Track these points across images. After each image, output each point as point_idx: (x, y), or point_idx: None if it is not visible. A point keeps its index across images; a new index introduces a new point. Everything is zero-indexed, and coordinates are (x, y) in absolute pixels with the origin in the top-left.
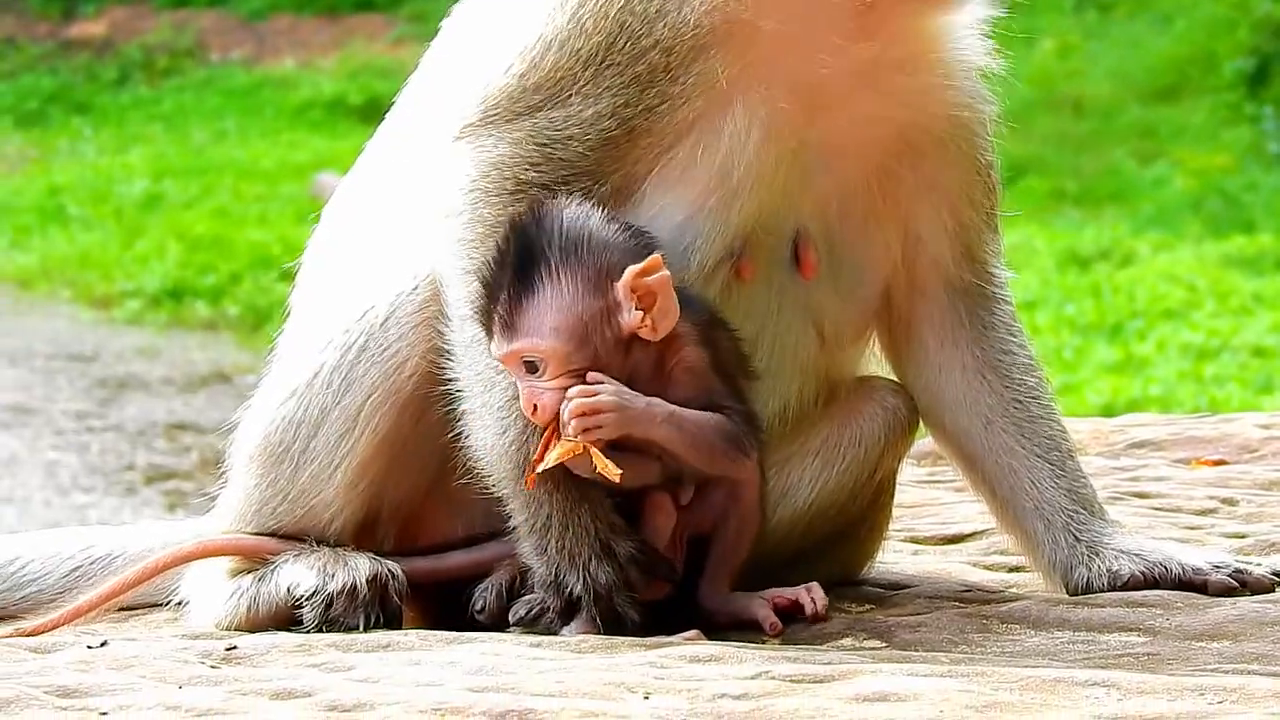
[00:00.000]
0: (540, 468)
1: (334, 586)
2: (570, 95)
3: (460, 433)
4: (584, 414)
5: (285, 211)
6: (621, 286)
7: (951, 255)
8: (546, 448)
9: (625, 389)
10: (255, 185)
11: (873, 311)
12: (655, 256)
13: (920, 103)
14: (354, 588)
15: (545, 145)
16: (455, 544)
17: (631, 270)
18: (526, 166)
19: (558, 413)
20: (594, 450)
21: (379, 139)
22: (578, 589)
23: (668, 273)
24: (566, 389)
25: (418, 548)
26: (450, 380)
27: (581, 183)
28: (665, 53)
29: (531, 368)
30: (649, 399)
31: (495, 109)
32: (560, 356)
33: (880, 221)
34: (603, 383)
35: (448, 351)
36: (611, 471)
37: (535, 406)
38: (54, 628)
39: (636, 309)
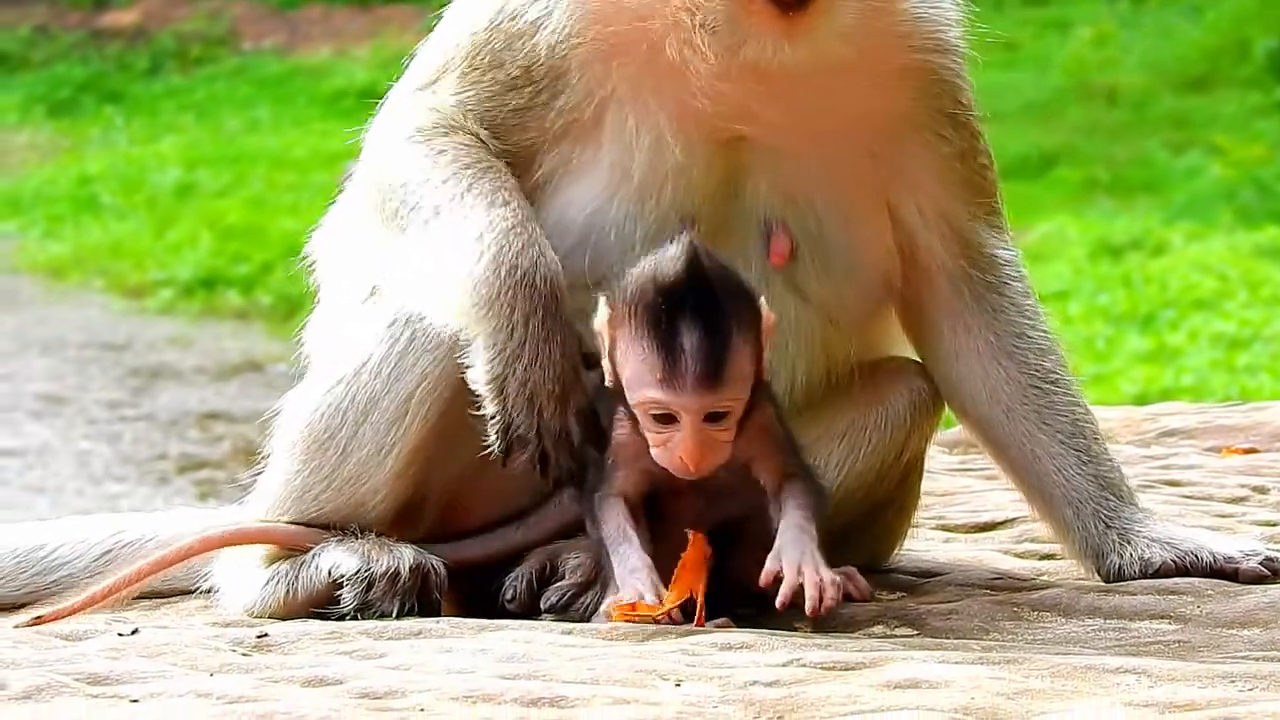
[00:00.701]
0: (661, 609)
1: (378, 569)
2: (445, 80)
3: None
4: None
5: (318, 201)
6: (766, 328)
7: (941, 242)
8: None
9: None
10: (288, 174)
11: (878, 295)
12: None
13: (855, 101)
14: (397, 573)
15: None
16: (494, 526)
17: (768, 320)
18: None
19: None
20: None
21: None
22: (526, 431)
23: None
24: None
25: (459, 532)
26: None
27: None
28: (525, 69)
29: (714, 417)
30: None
31: (403, 94)
32: (743, 405)
33: (861, 209)
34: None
35: (388, 184)
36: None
37: (697, 456)
38: (83, 609)
39: (768, 353)
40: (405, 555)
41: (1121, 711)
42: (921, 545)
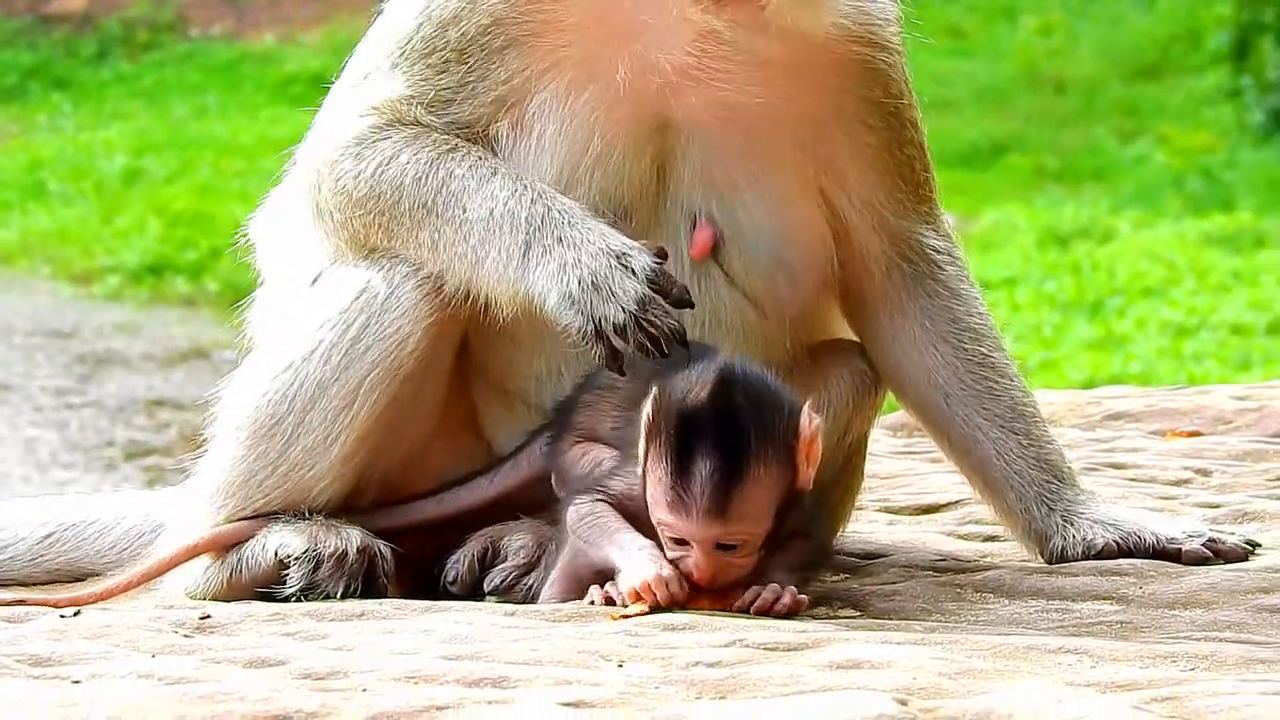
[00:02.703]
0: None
1: (325, 550)
2: (382, 69)
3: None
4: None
5: (266, 187)
6: (804, 456)
7: (872, 231)
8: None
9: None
10: (236, 161)
11: (812, 284)
12: (811, 412)
13: (780, 90)
14: (344, 554)
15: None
16: (434, 492)
17: (807, 436)
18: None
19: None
20: None
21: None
22: (617, 315)
23: (818, 420)
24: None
25: (402, 497)
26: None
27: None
28: (459, 50)
29: (726, 547)
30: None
31: (340, 94)
32: (761, 535)
33: (790, 199)
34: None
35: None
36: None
37: (708, 578)
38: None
39: (809, 469)
40: (353, 537)
41: (1063, 691)
42: (865, 527)
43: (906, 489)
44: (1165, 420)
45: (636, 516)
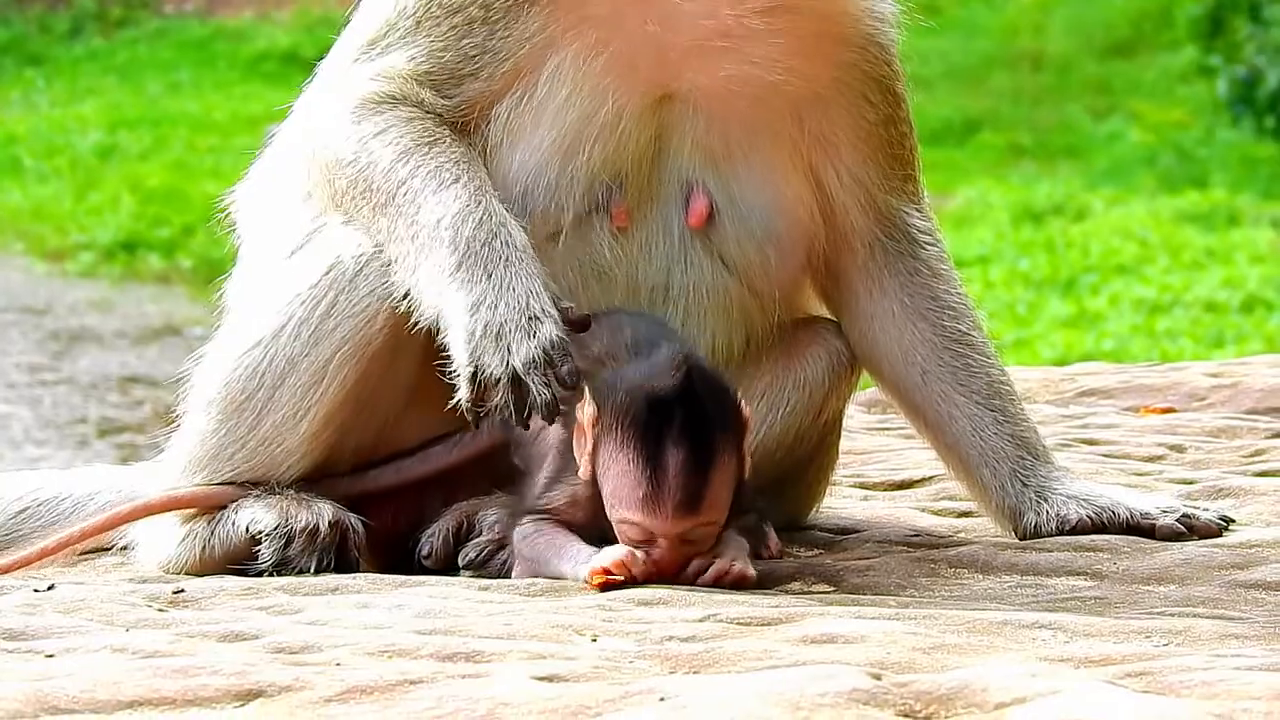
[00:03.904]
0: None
1: (296, 525)
2: (392, 40)
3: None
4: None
5: (239, 164)
6: (747, 442)
7: (857, 207)
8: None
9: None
10: (209, 138)
11: (797, 259)
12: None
13: (791, 63)
14: (316, 529)
15: (389, 88)
16: (393, 459)
17: (747, 410)
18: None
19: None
20: None
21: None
22: (497, 369)
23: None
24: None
25: (369, 461)
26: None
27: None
28: (484, 8)
29: (688, 538)
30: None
31: (345, 61)
32: (720, 524)
33: (783, 173)
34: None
35: (332, 160)
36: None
37: (671, 571)
38: (5, 572)
39: (750, 457)
40: (324, 511)
41: (1037, 666)
42: (839, 503)
43: (881, 465)
44: (1139, 397)
45: (584, 527)
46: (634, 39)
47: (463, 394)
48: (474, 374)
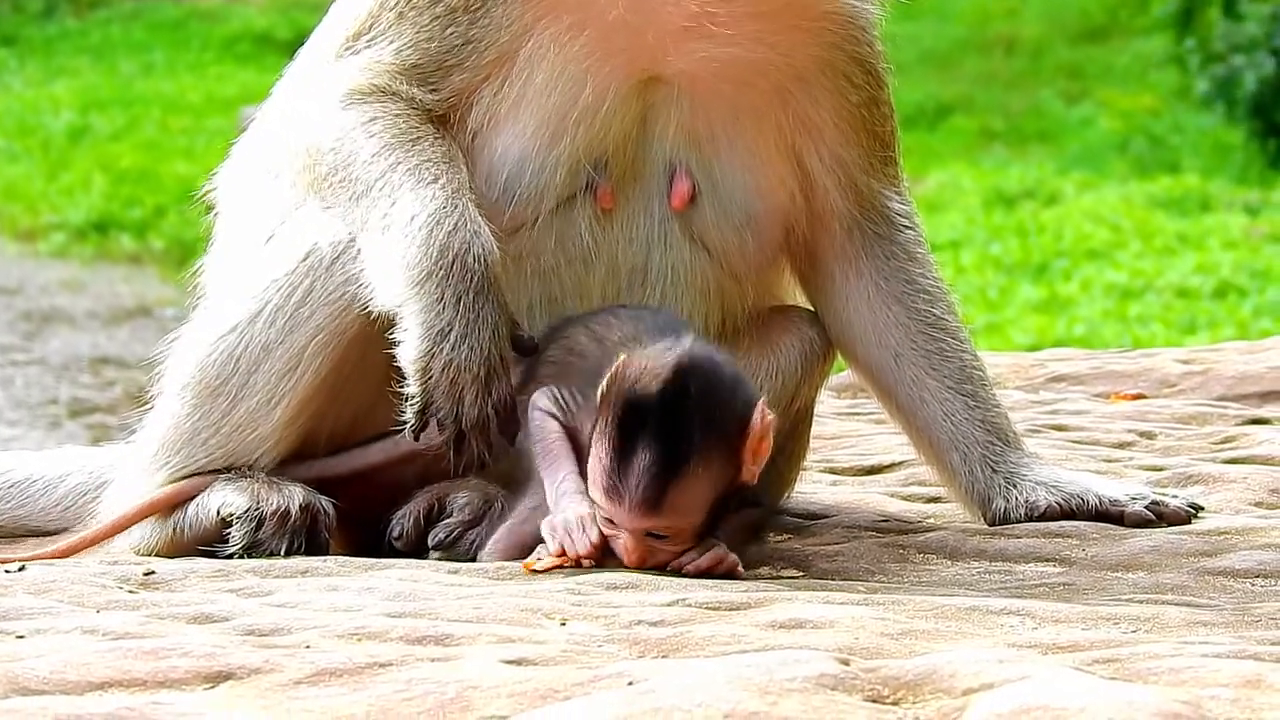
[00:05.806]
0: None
1: (268, 508)
2: (377, 32)
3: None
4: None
5: (212, 145)
6: (751, 452)
7: (837, 188)
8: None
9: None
10: (182, 119)
11: (776, 242)
12: (765, 409)
13: (775, 44)
14: (286, 512)
15: (375, 81)
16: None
17: (757, 432)
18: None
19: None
20: None
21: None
22: (445, 416)
23: (772, 416)
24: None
25: (338, 447)
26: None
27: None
28: None
29: (656, 535)
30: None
31: (329, 53)
32: (695, 528)
33: (765, 155)
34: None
35: (314, 148)
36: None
37: (636, 560)
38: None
39: (753, 465)
40: (295, 495)
41: (1005, 652)
42: (809, 488)
43: (850, 450)
44: (1110, 383)
45: (584, 450)
46: (607, 23)
47: (410, 417)
48: (423, 409)
